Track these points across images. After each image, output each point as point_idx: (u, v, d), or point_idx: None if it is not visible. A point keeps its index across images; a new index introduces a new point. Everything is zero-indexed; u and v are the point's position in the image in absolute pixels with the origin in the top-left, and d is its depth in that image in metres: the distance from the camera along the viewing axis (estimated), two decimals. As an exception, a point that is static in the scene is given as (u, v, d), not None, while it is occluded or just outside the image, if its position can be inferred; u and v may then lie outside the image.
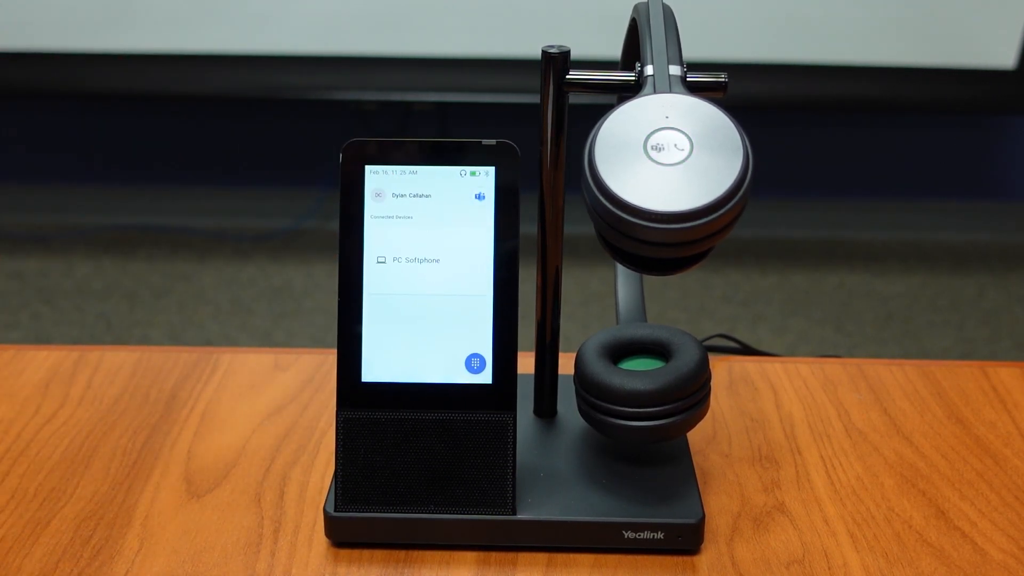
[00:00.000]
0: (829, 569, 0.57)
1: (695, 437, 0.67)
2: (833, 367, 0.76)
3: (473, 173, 0.57)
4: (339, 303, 0.57)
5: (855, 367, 0.76)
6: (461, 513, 0.57)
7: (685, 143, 0.49)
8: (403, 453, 0.57)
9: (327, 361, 0.76)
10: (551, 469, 0.61)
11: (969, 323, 2.26)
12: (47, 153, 2.59)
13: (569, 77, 0.57)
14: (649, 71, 0.53)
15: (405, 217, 0.57)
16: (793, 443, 0.68)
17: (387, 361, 0.57)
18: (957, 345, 2.19)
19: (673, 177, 0.48)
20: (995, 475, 0.65)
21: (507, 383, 0.57)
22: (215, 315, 2.24)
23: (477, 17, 2.11)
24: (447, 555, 0.58)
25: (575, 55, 0.57)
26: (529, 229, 0.56)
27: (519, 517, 0.57)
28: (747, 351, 0.81)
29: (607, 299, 2.24)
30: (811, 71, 2.14)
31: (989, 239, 2.57)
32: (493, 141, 0.57)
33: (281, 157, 2.57)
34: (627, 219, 0.48)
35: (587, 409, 0.59)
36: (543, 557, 0.58)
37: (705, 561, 0.57)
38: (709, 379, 0.60)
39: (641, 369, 0.59)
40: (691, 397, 0.58)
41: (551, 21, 2.11)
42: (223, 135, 2.57)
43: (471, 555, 0.58)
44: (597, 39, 1.55)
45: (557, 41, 0.57)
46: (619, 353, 0.62)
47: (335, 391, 0.59)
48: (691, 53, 0.59)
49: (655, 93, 0.51)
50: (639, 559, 0.57)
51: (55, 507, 0.62)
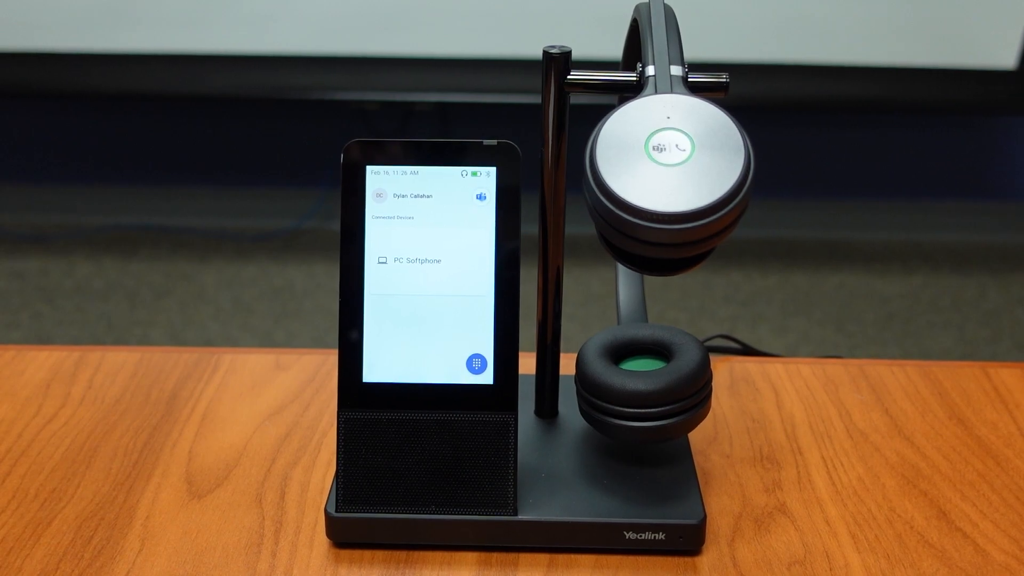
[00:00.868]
0: (830, 570, 0.57)
1: (696, 437, 0.67)
2: (834, 367, 0.76)
3: (474, 173, 0.57)
4: (340, 303, 0.57)
5: (856, 367, 0.76)
6: (462, 513, 0.57)
7: (686, 143, 0.49)
8: (404, 453, 0.57)
9: (328, 361, 0.76)
10: (552, 469, 0.61)
11: (970, 323, 2.26)
12: (47, 153, 2.59)
13: (570, 77, 0.57)
14: (650, 71, 0.53)
15: (406, 217, 0.57)
16: (794, 444, 0.68)
17: (388, 361, 0.57)
18: (958, 345, 2.19)
19: (674, 177, 0.48)
20: (996, 476, 0.65)
21: (508, 383, 0.57)
22: (216, 315, 2.24)
23: (478, 17, 2.11)
24: (448, 555, 0.58)
25: (576, 55, 0.57)
26: (530, 229, 0.56)
27: (520, 517, 0.57)
28: (748, 351, 0.81)
29: (608, 299, 2.24)
30: (811, 71, 2.14)
31: (990, 239, 2.57)
32: (494, 141, 0.57)
33: (282, 157, 2.57)
34: (628, 219, 0.48)
35: (588, 409, 0.59)
36: (544, 558, 0.58)
37: (706, 562, 0.57)
38: (710, 379, 0.60)
39: (642, 369, 0.59)
40: (692, 397, 0.58)
41: (552, 21, 2.11)
42: (223, 135, 2.57)
43: (472, 555, 0.58)
44: (598, 39, 1.55)
45: (558, 41, 0.57)
46: (620, 353, 0.62)
47: (336, 391, 0.59)
48: (692, 53, 0.59)
49: (656, 93, 0.51)
50: (640, 560, 0.57)
51: (56, 508, 0.62)
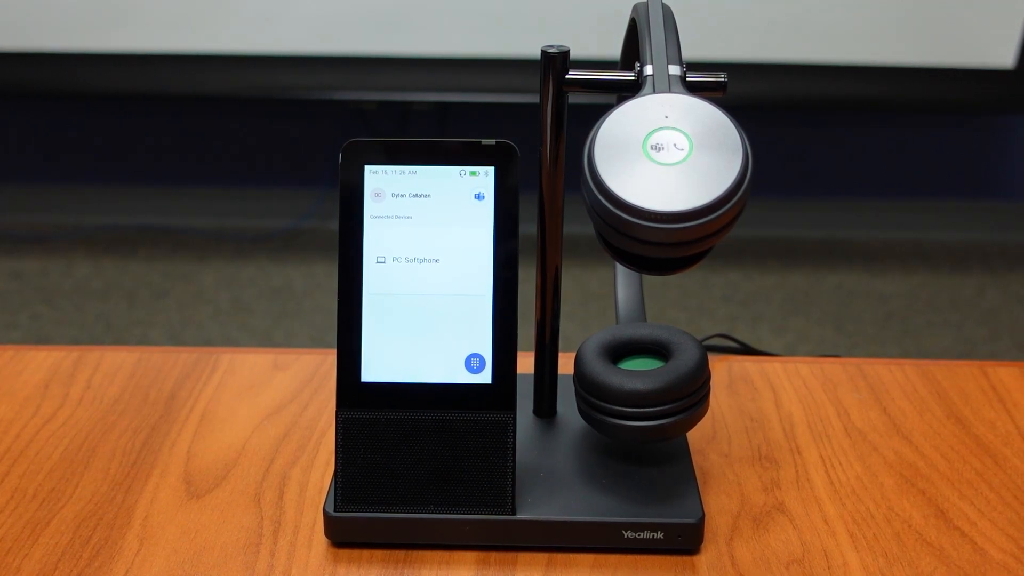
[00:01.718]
0: (829, 569, 0.57)
1: (695, 437, 0.67)
2: (833, 367, 0.76)
3: (473, 173, 0.57)
4: (339, 303, 0.57)
5: (855, 367, 0.76)
6: (461, 513, 0.57)
7: (685, 143, 0.49)
8: (403, 453, 0.57)
9: (327, 361, 0.76)
10: (551, 469, 0.61)
11: (969, 323, 2.26)
12: (47, 153, 2.59)
13: (569, 77, 0.57)
14: (648, 71, 0.53)
15: (405, 217, 0.57)
16: (793, 443, 0.68)
17: (387, 361, 0.57)
18: (956, 345, 2.19)
19: (673, 177, 0.48)
20: (994, 475, 0.65)
21: (507, 383, 0.57)
22: (215, 315, 2.24)
23: (477, 17, 2.11)
24: (447, 555, 0.58)
25: (574, 55, 0.57)
26: (528, 229, 0.56)
27: (519, 517, 0.57)
28: (747, 351, 0.81)
29: (607, 299, 2.24)
30: (811, 71, 2.14)
31: (988, 239, 2.57)
32: (493, 141, 0.57)
33: (281, 157, 2.57)
34: (627, 219, 0.48)
35: (587, 409, 0.59)
36: (543, 557, 0.58)
37: (705, 561, 0.57)
38: (709, 379, 0.60)
39: (641, 369, 0.59)
40: (691, 397, 0.58)
41: (551, 21, 2.11)
42: (222, 135, 2.57)
43: (471, 555, 0.58)
44: (596, 39, 1.55)
45: (557, 41, 0.57)
46: (619, 353, 0.62)
47: (335, 391, 0.59)
48: (691, 53, 0.59)
49: (655, 93, 0.51)
50: (639, 559, 0.57)
51: (55, 507, 0.62)
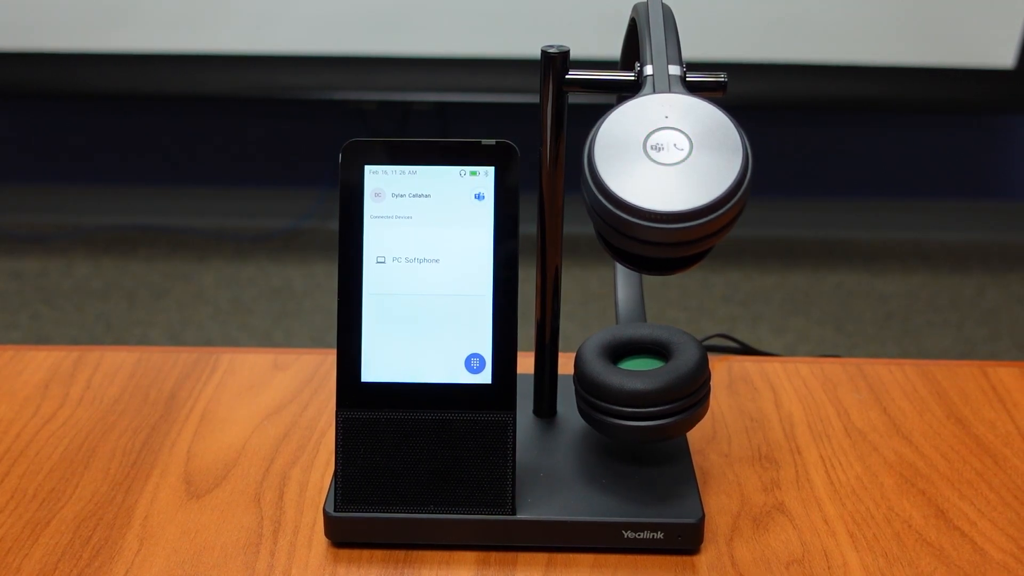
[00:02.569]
0: (829, 569, 0.57)
1: (695, 437, 0.67)
2: (833, 367, 0.76)
3: (473, 173, 0.57)
4: (339, 303, 0.57)
5: (855, 367, 0.76)
6: (461, 513, 0.57)
7: (684, 143, 0.49)
8: (403, 453, 0.57)
9: (327, 361, 0.76)
10: (551, 469, 0.61)
11: (968, 323, 2.26)
12: (47, 153, 2.59)
13: (569, 77, 0.57)
14: (648, 71, 0.53)
15: (405, 217, 0.57)
16: (793, 443, 0.68)
17: (387, 361, 0.57)
18: (956, 345, 2.19)
19: (672, 177, 0.48)
20: (994, 475, 0.65)
21: (507, 383, 0.57)
22: (215, 315, 2.24)
23: (477, 17, 2.11)
24: (447, 555, 0.58)
25: (574, 55, 0.57)
26: (529, 229, 0.56)
27: (519, 517, 0.57)
28: (747, 351, 0.81)
29: (607, 299, 2.24)
30: (811, 71, 2.14)
31: (988, 239, 2.57)
32: (493, 141, 0.57)
33: (281, 157, 2.57)
34: (626, 219, 0.48)
35: (587, 409, 0.59)
36: (543, 557, 0.58)
37: (705, 561, 0.57)
38: (709, 379, 0.60)
39: (641, 369, 0.59)
40: (691, 397, 0.58)
41: (551, 21, 2.11)
42: (221, 135, 2.57)
43: (471, 555, 0.58)
44: (596, 39, 1.55)
45: (557, 41, 0.57)
46: (619, 353, 0.62)
47: (335, 391, 0.59)
48: (691, 53, 0.59)
49: (654, 93, 0.51)
50: (639, 559, 0.57)
51: (55, 507, 0.62)
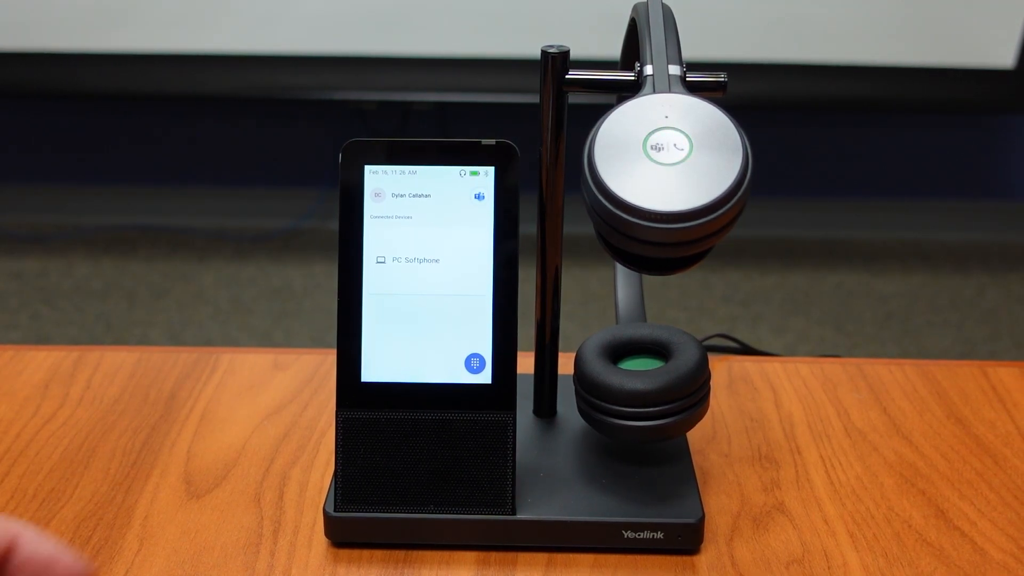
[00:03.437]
0: (829, 569, 0.57)
1: (695, 437, 0.67)
2: (832, 367, 0.76)
3: (473, 173, 0.57)
4: (339, 303, 0.57)
5: (854, 367, 0.76)
6: (461, 513, 0.57)
7: (684, 143, 0.49)
8: (403, 453, 0.57)
9: (327, 361, 0.76)
10: (551, 469, 0.61)
11: (968, 323, 2.26)
12: (47, 153, 2.59)
13: (568, 77, 0.57)
14: (648, 71, 0.53)
15: (405, 217, 0.57)
16: (793, 443, 0.68)
17: (387, 361, 0.57)
18: (956, 345, 2.19)
19: (672, 177, 0.48)
20: (994, 475, 0.65)
21: (507, 383, 0.57)
22: (215, 315, 2.24)
23: (477, 17, 2.11)
24: (447, 555, 0.58)
25: (574, 55, 0.57)
26: (529, 229, 0.56)
27: (519, 517, 0.57)
28: (747, 351, 0.81)
29: (607, 299, 2.24)
30: (811, 71, 2.14)
31: (988, 239, 2.57)
32: (493, 141, 0.57)
33: (281, 157, 2.57)
34: (627, 219, 0.48)
35: (587, 409, 0.59)
36: (543, 557, 0.58)
37: (705, 561, 0.57)
38: (709, 379, 0.60)
39: (641, 369, 0.59)
40: (691, 397, 0.58)
41: (551, 21, 2.11)
42: (221, 135, 2.57)
43: (471, 555, 0.58)
44: (596, 39, 1.55)
45: (557, 41, 0.57)
46: (619, 353, 0.62)
47: (335, 391, 0.59)
48: (690, 53, 0.59)
49: (654, 93, 0.51)
50: (639, 559, 0.57)
51: (54, 507, 0.62)
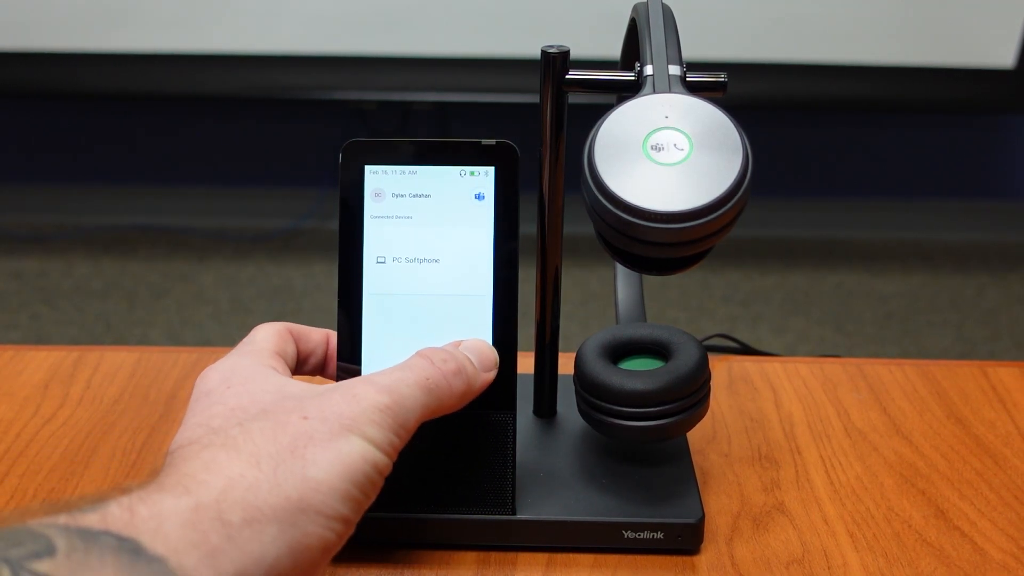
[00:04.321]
0: (829, 569, 0.57)
1: (695, 437, 0.67)
2: (832, 367, 0.76)
3: (473, 173, 0.57)
4: (339, 303, 0.57)
5: (855, 367, 0.76)
6: (461, 513, 0.57)
7: (684, 143, 0.49)
8: (402, 453, 0.57)
9: (327, 361, 0.76)
10: (551, 469, 0.61)
11: (968, 323, 2.26)
12: (47, 153, 2.59)
13: (568, 77, 0.57)
14: (648, 71, 0.53)
15: (405, 217, 0.57)
16: (793, 443, 0.68)
17: (387, 361, 0.57)
18: (956, 345, 2.19)
19: (673, 177, 0.48)
20: (994, 475, 0.65)
21: (507, 383, 0.57)
22: (215, 315, 2.24)
23: (477, 17, 2.11)
24: (447, 555, 0.58)
25: (574, 55, 0.57)
26: (528, 229, 0.56)
27: (519, 517, 0.57)
28: (747, 351, 0.81)
29: (607, 299, 2.24)
30: (811, 71, 2.14)
31: (989, 239, 2.57)
32: (493, 141, 0.57)
33: (281, 157, 2.57)
34: (626, 219, 0.48)
35: (587, 409, 0.59)
36: (543, 557, 0.58)
37: (705, 561, 0.57)
38: (709, 379, 0.60)
39: (641, 369, 0.59)
40: (691, 397, 0.58)
41: (551, 21, 2.11)
42: (223, 135, 2.57)
43: (471, 555, 0.58)
44: (596, 39, 1.55)
45: (557, 41, 0.57)
46: (619, 353, 0.62)
47: (335, 391, 0.59)
48: (691, 53, 0.59)
49: (655, 93, 0.51)
50: (639, 559, 0.57)
51: (55, 507, 0.62)
